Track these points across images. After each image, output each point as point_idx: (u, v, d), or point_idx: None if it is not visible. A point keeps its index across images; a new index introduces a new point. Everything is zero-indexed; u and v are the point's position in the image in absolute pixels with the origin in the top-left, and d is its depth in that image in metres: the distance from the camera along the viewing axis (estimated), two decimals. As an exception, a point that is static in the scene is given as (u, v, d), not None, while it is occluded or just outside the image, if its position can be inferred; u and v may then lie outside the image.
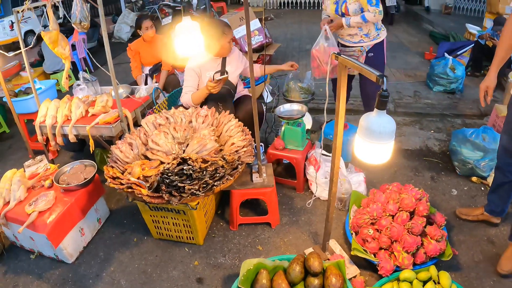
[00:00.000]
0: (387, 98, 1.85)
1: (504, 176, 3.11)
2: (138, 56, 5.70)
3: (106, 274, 3.16)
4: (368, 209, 3.15)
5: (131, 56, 5.73)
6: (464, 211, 3.56)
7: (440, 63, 6.42)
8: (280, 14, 13.96)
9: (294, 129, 3.75)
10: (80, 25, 3.97)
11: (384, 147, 1.95)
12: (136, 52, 5.67)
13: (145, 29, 5.45)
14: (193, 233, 3.28)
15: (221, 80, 3.55)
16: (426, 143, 4.90)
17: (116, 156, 3.12)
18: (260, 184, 3.32)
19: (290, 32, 10.63)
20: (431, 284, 2.68)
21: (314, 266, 2.60)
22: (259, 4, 15.15)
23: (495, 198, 3.30)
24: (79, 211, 3.33)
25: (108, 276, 3.14)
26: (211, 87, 3.56)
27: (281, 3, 15.40)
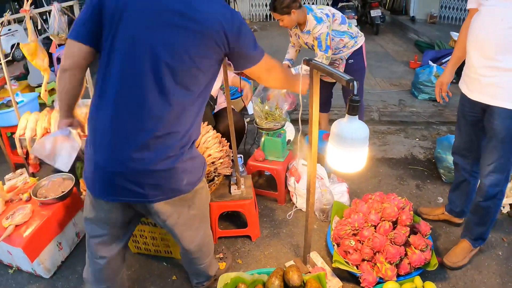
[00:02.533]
0: (358, 103, 1.79)
1: (460, 175, 3.19)
2: None
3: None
4: (349, 219, 3.09)
5: None
6: (425, 211, 3.61)
7: (424, 71, 6.42)
8: (266, 26, 13.96)
9: (274, 140, 3.68)
10: (58, 37, 3.91)
11: (357, 154, 1.88)
12: None
13: None
14: (170, 246, 3.20)
15: None
16: (411, 151, 4.86)
17: (92, 169, 3.05)
18: (239, 196, 3.24)
19: (275, 44, 10.60)
20: (416, 295, 2.61)
21: (293, 280, 2.51)
22: (245, 17, 15.17)
23: (454, 197, 3.36)
24: (56, 225, 3.25)
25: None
26: None
27: (267, 15, 15.41)
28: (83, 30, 1.84)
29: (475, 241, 3.04)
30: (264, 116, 3.66)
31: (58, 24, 3.89)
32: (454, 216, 3.46)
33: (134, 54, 1.79)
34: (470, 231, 3.04)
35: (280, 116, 3.68)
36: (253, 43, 2.02)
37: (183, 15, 1.76)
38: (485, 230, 2.98)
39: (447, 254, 3.10)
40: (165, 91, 1.83)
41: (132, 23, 1.78)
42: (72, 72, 1.87)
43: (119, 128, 1.86)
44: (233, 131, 2.96)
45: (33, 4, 3.87)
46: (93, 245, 2.31)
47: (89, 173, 2.02)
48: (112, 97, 1.84)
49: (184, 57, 1.81)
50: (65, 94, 1.95)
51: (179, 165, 1.98)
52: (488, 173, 2.73)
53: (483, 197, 2.80)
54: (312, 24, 3.75)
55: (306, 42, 4.05)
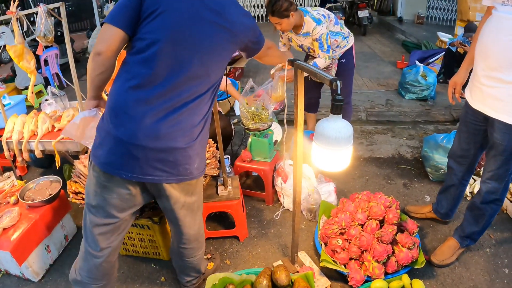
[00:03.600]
0: (341, 102, 1.80)
1: (451, 179, 3.19)
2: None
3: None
4: (337, 219, 3.10)
5: None
6: (413, 209, 3.63)
7: (411, 71, 6.45)
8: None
9: (261, 140, 3.68)
10: (45, 39, 3.89)
11: (341, 153, 1.89)
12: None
13: None
14: (159, 248, 3.19)
15: None
16: (398, 150, 4.89)
17: (80, 171, 3.04)
18: (226, 196, 3.24)
19: (266, 44, 10.65)
20: (404, 293, 2.62)
21: (281, 279, 2.53)
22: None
23: (442, 199, 3.38)
24: (44, 227, 3.22)
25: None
26: None
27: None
28: (122, 16, 1.96)
29: (464, 239, 3.06)
30: (250, 117, 3.66)
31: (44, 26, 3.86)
32: (438, 217, 3.49)
33: (174, 41, 1.97)
34: (462, 227, 3.05)
35: (267, 116, 3.69)
36: (259, 33, 2.29)
37: (219, 14, 2.03)
38: (477, 231, 2.98)
39: (434, 252, 3.12)
40: (196, 75, 2.04)
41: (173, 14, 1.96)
42: (106, 55, 1.94)
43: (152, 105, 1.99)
44: (219, 132, 2.96)
45: (19, 6, 3.84)
46: (95, 236, 2.28)
47: (106, 150, 2.06)
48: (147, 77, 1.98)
49: (217, 47, 2.07)
50: (97, 76, 2.03)
51: (194, 146, 2.14)
52: (486, 179, 2.74)
53: (480, 200, 2.82)
54: (311, 26, 3.77)
55: (301, 44, 4.07)
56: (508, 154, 2.54)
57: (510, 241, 3.32)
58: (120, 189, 2.16)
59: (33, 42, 8.24)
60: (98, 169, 2.12)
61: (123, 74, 2.06)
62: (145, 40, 1.97)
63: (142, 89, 1.98)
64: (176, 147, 2.05)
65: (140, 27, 1.99)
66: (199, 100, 2.08)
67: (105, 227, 2.27)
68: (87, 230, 2.31)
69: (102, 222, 2.25)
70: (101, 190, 2.18)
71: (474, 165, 3.05)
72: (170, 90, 1.99)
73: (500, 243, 3.30)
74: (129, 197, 2.20)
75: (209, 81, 2.09)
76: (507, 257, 3.16)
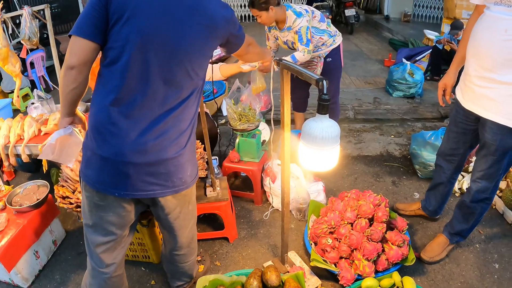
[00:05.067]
0: (327, 102, 1.79)
1: (439, 177, 3.20)
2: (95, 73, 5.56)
3: (62, 298, 3.02)
4: (326, 218, 3.09)
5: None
6: (402, 206, 3.65)
7: (398, 68, 6.49)
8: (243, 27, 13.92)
9: (249, 140, 3.67)
10: (29, 41, 3.86)
11: (328, 153, 1.88)
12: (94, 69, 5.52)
13: None
14: (148, 251, 3.17)
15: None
16: (386, 148, 4.90)
17: (67, 175, 3.01)
18: (214, 198, 3.23)
19: (251, 45, 10.65)
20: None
21: (271, 280, 2.51)
22: (220, 18, 15.11)
23: (430, 196, 3.40)
24: (32, 233, 3.18)
25: (64, 301, 3.00)
26: None
27: (242, 16, 15.38)
28: (88, 26, 1.82)
29: (453, 236, 3.08)
30: (238, 118, 3.65)
31: (29, 29, 3.84)
32: (427, 214, 3.51)
33: (146, 46, 1.84)
34: (451, 224, 3.07)
35: (254, 117, 3.67)
36: (239, 27, 2.21)
37: (196, 10, 1.91)
38: (467, 228, 3.00)
39: (424, 249, 3.14)
40: (176, 80, 1.94)
41: (143, 18, 1.82)
42: (78, 69, 1.85)
43: (134, 118, 1.91)
44: (206, 133, 2.95)
45: (4, 8, 3.80)
46: (99, 255, 2.26)
47: (96, 170, 2.01)
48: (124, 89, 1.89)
49: (197, 47, 1.96)
50: (70, 92, 1.92)
51: (185, 153, 2.08)
52: (476, 179, 2.75)
53: (470, 198, 2.83)
54: (292, 19, 3.78)
55: (286, 40, 4.06)
56: (500, 154, 2.54)
57: (499, 236, 3.35)
58: (115, 207, 2.12)
59: (19, 45, 8.15)
60: (90, 189, 2.08)
61: (100, 88, 1.97)
62: (115, 49, 1.86)
63: (121, 103, 1.90)
64: (166, 158, 2.00)
65: (109, 35, 1.86)
66: (184, 106, 2.01)
67: (106, 245, 2.25)
68: (90, 249, 2.29)
69: (102, 240, 2.23)
70: (96, 209, 2.14)
71: (462, 163, 3.07)
72: (150, 100, 1.91)
73: (489, 238, 3.33)
74: (126, 213, 2.17)
75: (192, 84, 2.02)
76: (497, 252, 3.18)
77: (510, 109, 2.35)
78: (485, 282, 2.93)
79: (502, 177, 2.73)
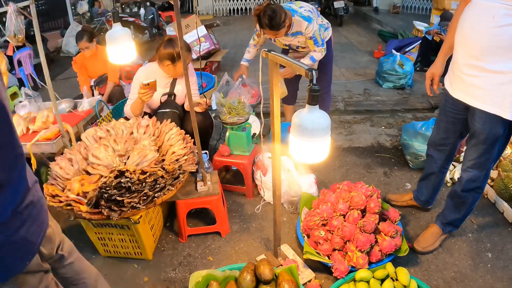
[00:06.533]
0: (317, 92, 1.76)
1: (430, 167, 3.20)
2: (84, 69, 5.55)
3: (53, 298, 2.99)
4: (318, 210, 3.08)
5: (77, 70, 5.58)
6: (394, 197, 3.65)
7: (388, 60, 6.49)
8: (230, 21, 13.89)
9: (238, 134, 3.65)
10: (15, 38, 3.80)
11: (319, 144, 1.86)
12: (82, 65, 5.53)
13: (82, 50, 5.33)
14: (140, 248, 3.14)
15: (149, 86, 3.40)
16: (377, 139, 4.90)
17: (56, 173, 2.96)
18: (205, 192, 3.20)
19: (239, 38, 10.59)
20: (389, 282, 2.63)
21: (265, 274, 2.50)
22: (208, 12, 15.07)
23: (422, 186, 3.40)
24: (23, 233, 3.14)
25: (55, 301, 2.97)
26: (141, 95, 3.43)
27: (231, 10, 15.34)
28: None
29: (446, 225, 3.07)
30: (227, 111, 3.62)
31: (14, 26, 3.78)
32: (419, 204, 3.50)
33: None
34: (444, 214, 3.07)
35: (244, 110, 3.64)
36: None
37: None
38: (459, 218, 3.00)
39: (417, 239, 3.13)
40: None
41: None
42: None
43: None
44: (195, 127, 2.92)
45: (-10, 6, 3.75)
46: None
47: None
48: None
49: None
50: None
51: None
52: (467, 168, 2.74)
53: (461, 188, 2.82)
54: (303, 25, 3.73)
55: (289, 44, 4.05)
56: (489, 143, 2.53)
57: (491, 225, 3.36)
58: None
59: (6, 43, 8.10)
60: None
61: None
62: None
63: None
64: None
65: None
66: None
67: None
68: None
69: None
70: None
71: (453, 153, 3.06)
72: None
73: (482, 227, 3.33)
74: None
75: None
76: (490, 241, 3.19)
77: (498, 97, 2.33)
78: (479, 271, 2.93)
79: (492, 166, 2.72)
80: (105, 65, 5.42)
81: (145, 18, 11.03)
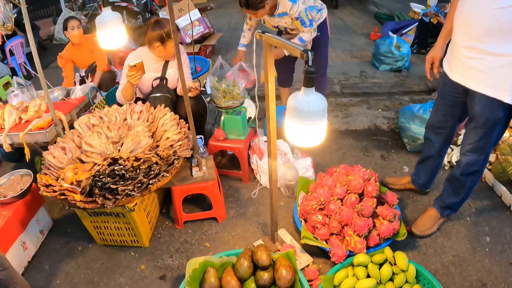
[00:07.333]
0: (313, 74, 1.72)
1: (428, 150, 3.18)
2: (70, 64, 5.49)
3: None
4: (315, 194, 3.05)
5: (62, 66, 5.50)
6: (391, 180, 3.64)
7: (385, 42, 6.45)
8: (224, 4, 13.74)
9: (234, 118, 3.60)
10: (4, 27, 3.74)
11: (315, 128, 1.82)
12: (68, 60, 5.45)
13: (71, 29, 5.23)
14: (136, 235, 3.11)
15: (136, 67, 3.34)
16: (374, 122, 4.87)
17: (49, 162, 2.93)
18: (201, 178, 3.16)
19: (233, 21, 10.52)
20: (387, 266, 2.61)
21: (262, 259, 2.48)
22: (201, -5, 14.95)
23: (420, 170, 3.38)
24: (18, 224, 3.10)
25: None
26: (129, 77, 3.37)
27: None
28: None
29: (444, 209, 3.06)
30: (221, 95, 3.57)
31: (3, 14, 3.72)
32: (416, 188, 3.49)
33: None
34: (442, 198, 3.05)
35: (238, 93, 3.60)
36: None
37: None
38: (457, 202, 2.99)
39: (414, 223, 3.12)
40: None
41: None
42: None
43: None
44: (189, 111, 2.87)
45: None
46: None
47: None
48: None
49: None
50: None
51: None
52: (465, 152, 2.71)
53: (459, 172, 2.80)
54: (288, 6, 3.67)
55: (277, 25, 3.99)
56: (489, 127, 2.50)
57: (489, 209, 3.35)
58: None
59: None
60: None
61: None
62: None
63: None
64: None
65: None
66: None
67: None
68: None
69: None
70: None
71: (452, 136, 3.03)
72: None
73: (480, 211, 3.32)
74: None
75: None
76: (488, 225, 3.18)
77: (498, 81, 2.30)
78: (477, 255, 2.92)
79: (491, 149, 2.70)
80: (92, 54, 5.38)
81: (138, 3, 10.90)
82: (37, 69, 3.36)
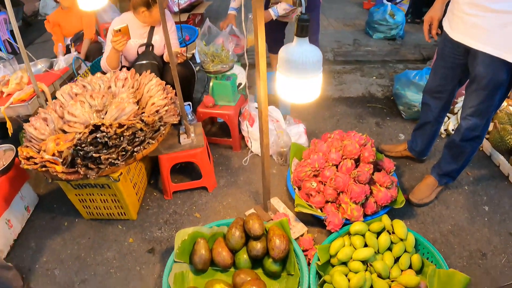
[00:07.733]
0: (307, 22, 1.58)
1: (426, 116, 3.09)
2: (58, 28, 5.31)
3: (39, 266, 2.87)
4: (309, 160, 2.95)
5: (50, 30, 5.36)
6: (387, 148, 3.58)
7: (379, 9, 6.35)
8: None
9: (223, 83, 3.47)
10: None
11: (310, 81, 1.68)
12: (55, 24, 5.29)
13: None
14: (123, 208, 3.02)
15: (121, 32, 3.23)
16: (368, 89, 4.78)
17: (30, 134, 2.82)
18: (189, 145, 3.05)
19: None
20: (385, 235, 2.52)
21: (254, 229, 2.40)
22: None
23: (417, 136, 3.32)
24: (2, 201, 2.98)
25: (41, 268, 2.85)
26: (114, 43, 3.27)
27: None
28: None
29: (442, 177, 3.00)
30: (210, 59, 3.46)
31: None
32: (413, 155, 3.42)
33: None
34: (440, 165, 2.98)
35: (227, 57, 3.48)
36: None
37: None
38: (456, 169, 2.92)
39: (412, 191, 3.07)
40: None
41: None
42: None
43: None
44: (176, 75, 2.76)
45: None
46: None
47: None
48: None
49: None
50: None
51: None
52: (466, 116, 2.61)
53: (459, 137, 2.71)
54: None
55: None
56: (491, 89, 2.39)
57: (487, 178, 3.30)
58: None
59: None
60: None
61: None
62: None
63: None
64: None
65: None
66: None
67: None
68: None
69: None
70: None
71: (451, 101, 2.94)
72: None
73: (478, 180, 3.27)
74: None
75: None
76: (486, 195, 3.14)
77: (503, 39, 2.18)
78: (475, 225, 2.88)
79: (493, 114, 2.59)
80: (80, 21, 5.22)
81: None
82: (17, 40, 3.22)
